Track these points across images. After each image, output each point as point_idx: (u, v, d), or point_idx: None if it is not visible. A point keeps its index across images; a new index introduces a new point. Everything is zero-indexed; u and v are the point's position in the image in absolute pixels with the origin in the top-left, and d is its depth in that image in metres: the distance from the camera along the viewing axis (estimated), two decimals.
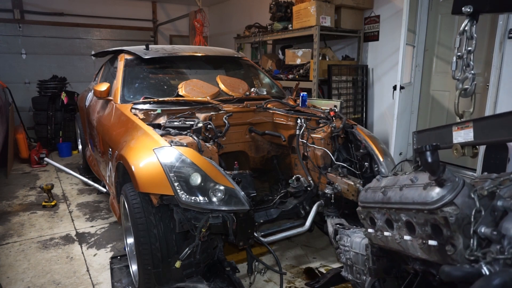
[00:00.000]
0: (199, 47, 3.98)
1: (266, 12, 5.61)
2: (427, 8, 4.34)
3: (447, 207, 1.02)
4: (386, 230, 1.31)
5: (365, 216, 1.44)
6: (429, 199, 1.06)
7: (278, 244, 2.96)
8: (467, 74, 1.39)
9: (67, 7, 7.29)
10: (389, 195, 1.25)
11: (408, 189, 1.17)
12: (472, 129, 1.19)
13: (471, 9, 1.32)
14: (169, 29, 8.51)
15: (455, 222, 1.00)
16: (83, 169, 4.62)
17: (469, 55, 1.38)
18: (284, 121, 2.99)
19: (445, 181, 1.04)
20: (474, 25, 1.36)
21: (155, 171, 1.91)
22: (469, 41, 1.38)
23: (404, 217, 1.19)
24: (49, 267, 2.67)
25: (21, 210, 3.70)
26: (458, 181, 1.03)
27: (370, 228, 1.43)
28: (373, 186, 1.40)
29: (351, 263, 1.77)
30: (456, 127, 1.25)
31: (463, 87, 1.40)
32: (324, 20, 4.48)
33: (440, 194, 1.03)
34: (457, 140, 1.24)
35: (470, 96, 1.41)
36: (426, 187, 1.09)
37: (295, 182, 2.58)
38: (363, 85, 4.97)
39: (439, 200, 1.03)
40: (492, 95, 3.45)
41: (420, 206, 1.09)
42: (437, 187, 1.05)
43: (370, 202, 1.37)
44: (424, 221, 1.11)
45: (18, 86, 6.74)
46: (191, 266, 2.01)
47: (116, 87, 3.07)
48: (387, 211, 1.28)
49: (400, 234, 1.23)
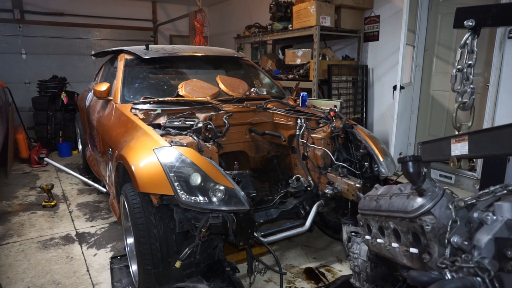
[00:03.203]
0: (199, 47, 3.98)
1: (266, 12, 5.62)
2: (427, 8, 4.34)
3: (424, 216, 1.05)
4: (379, 237, 1.34)
5: (363, 223, 1.46)
6: (409, 208, 1.09)
7: (278, 244, 2.96)
8: (466, 88, 1.40)
9: (67, 7, 7.30)
10: (380, 203, 1.28)
11: (396, 197, 1.20)
12: (467, 142, 1.20)
13: (473, 23, 1.31)
14: (169, 29, 8.51)
15: (431, 231, 1.03)
16: (83, 169, 4.62)
17: (469, 68, 1.38)
18: (284, 121, 2.99)
19: (425, 191, 1.07)
20: (476, 39, 1.36)
21: (155, 171, 1.91)
22: (469, 54, 1.38)
23: (392, 224, 1.22)
24: (49, 267, 2.67)
25: (21, 210, 3.70)
26: (437, 191, 1.06)
27: (367, 235, 1.45)
28: (371, 194, 1.42)
29: (358, 270, 1.78)
30: (454, 140, 1.28)
31: (462, 100, 1.41)
32: (324, 20, 4.48)
33: (419, 203, 1.07)
34: (454, 152, 1.26)
35: (468, 109, 1.42)
36: (409, 196, 1.12)
37: (295, 182, 2.58)
38: (363, 85, 4.97)
39: (417, 209, 1.06)
40: (492, 95, 3.46)
41: (402, 214, 1.13)
42: (417, 197, 1.09)
43: (366, 210, 1.40)
44: (406, 229, 1.14)
45: (18, 86, 6.75)
46: (191, 266, 2.01)
47: (116, 87, 3.07)
48: (379, 218, 1.30)
49: (389, 241, 1.26)
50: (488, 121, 3.50)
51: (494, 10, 1.28)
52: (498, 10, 1.29)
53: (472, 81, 1.39)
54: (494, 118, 3.48)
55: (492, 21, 1.31)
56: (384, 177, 2.56)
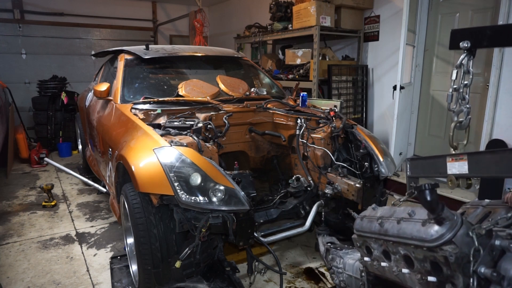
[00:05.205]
0: (199, 47, 3.98)
1: (266, 12, 5.61)
2: (427, 8, 4.34)
3: (446, 245, 1.02)
4: (383, 261, 1.31)
5: (361, 244, 1.42)
6: (428, 237, 1.06)
7: (278, 244, 2.96)
8: (462, 107, 1.41)
9: (67, 7, 7.30)
10: (386, 227, 1.25)
11: (406, 223, 1.17)
12: (467, 162, 1.21)
13: (469, 44, 1.33)
14: (169, 29, 8.51)
15: (455, 261, 1.00)
16: (83, 169, 4.62)
17: (465, 88, 1.39)
18: (284, 121, 2.99)
19: (444, 219, 1.04)
20: (471, 59, 1.37)
21: (155, 171, 1.91)
22: (465, 75, 1.39)
23: (402, 250, 1.19)
24: (49, 267, 2.67)
25: (21, 210, 3.70)
26: (456, 219, 1.04)
27: (366, 256, 1.42)
28: (368, 215, 1.39)
29: (344, 285, 1.76)
30: (450, 158, 1.28)
31: (458, 119, 1.42)
32: (324, 20, 4.48)
33: (439, 232, 1.04)
34: (451, 171, 1.27)
35: (464, 129, 1.43)
36: (425, 224, 1.09)
37: (295, 182, 2.58)
38: (363, 85, 4.97)
39: (438, 239, 1.03)
40: (492, 95, 3.45)
41: (418, 242, 1.10)
42: (435, 225, 1.06)
43: (366, 232, 1.36)
44: (423, 257, 1.11)
45: (18, 86, 6.74)
46: (191, 266, 2.01)
47: (116, 87, 3.07)
48: (384, 242, 1.27)
49: (398, 266, 1.23)
50: (488, 121, 3.50)
51: (489, 32, 1.30)
52: (493, 32, 1.31)
53: (468, 101, 1.40)
54: (494, 118, 3.48)
55: (488, 43, 1.33)
56: (384, 177, 2.56)
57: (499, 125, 3.46)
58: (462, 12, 4.01)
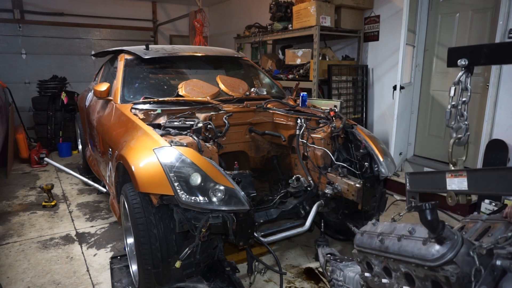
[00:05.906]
0: (199, 47, 3.98)
1: (266, 12, 5.61)
2: (427, 8, 4.34)
3: (447, 265, 1.02)
4: (384, 277, 1.30)
5: (361, 259, 1.42)
6: (429, 256, 1.06)
7: (278, 244, 2.96)
8: (460, 124, 1.41)
9: (67, 7, 7.30)
10: (387, 244, 1.24)
11: (407, 241, 1.17)
12: (466, 178, 1.22)
13: (466, 62, 1.34)
14: (169, 29, 8.51)
15: (456, 281, 1.00)
16: (83, 169, 4.62)
17: (464, 105, 1.40)
18: (284, 121, 2.99)
19: (445, 238, 1.04)
20: (469, 77, 1.38)
21: (155, 171, 1.91)
22: (463, 92, 1.40)
23: (403, 268, 1.19)
24: (49, 267, 2.67)
25: (21, 210, 3.70)
26: (457, 239, 1.03)
27: (367, 272, 1.41)
28: (369, 231, 1.39)
29: None
30: (449, 174, 1.28)
31: (457, 136, 1.42)
32: (324, 20, 4.48)
33: (440, 252, 1.03)
34: (451, 187, 1.27)
35: (463, 145, 1.43)
36: (426, 243, 1.09)
37: (295, 182, 2.58)
38: (363, 85, 4.97)
39: (439, 258, 1.03)
40: (492, 95, 3.45)
41: (419, 261, 1.10)
42: (436, 244, 1.05)
43: (367, 248, 1.36)
44: (424, 276, 1.11)
45: (18, 86, 6.74)
46: (191, 266, 2.01)
47: (116, 87, 3.07)
48: (385, 259, 1.27)
49: (399, 283, 1.23)
50: (488, 121, 3.50)
51: (486, 50, 1.31)
52: (490, 50, 1.32)
53: (467, 118, 1.41)
54: (494, 118, 3.48)
55: (485, 60, 1.34)
56: (384, 177, 2.56)
57: (499, 125, 3.47)
58: (462, 12, 4.01)
